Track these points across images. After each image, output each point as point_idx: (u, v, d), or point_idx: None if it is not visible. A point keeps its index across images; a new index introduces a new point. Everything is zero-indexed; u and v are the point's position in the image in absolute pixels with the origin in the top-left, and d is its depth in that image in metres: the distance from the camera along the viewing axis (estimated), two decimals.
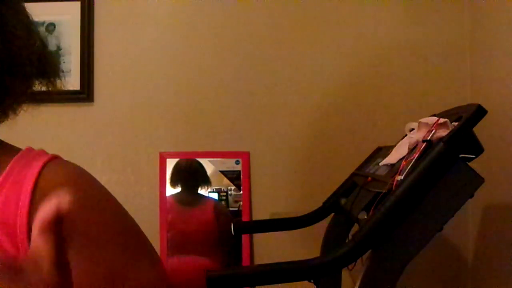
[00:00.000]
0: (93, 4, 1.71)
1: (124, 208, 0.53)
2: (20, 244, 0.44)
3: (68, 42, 1.69)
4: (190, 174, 1.71)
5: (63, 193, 0.45)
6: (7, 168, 0.49)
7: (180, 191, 1.70)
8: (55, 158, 0.51)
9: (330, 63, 1.68)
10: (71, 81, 1.66)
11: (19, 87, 0.52)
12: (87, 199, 0.49)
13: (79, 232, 0.46)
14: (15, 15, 0.51)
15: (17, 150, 0.53)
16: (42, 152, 0.52)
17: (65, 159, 0.53)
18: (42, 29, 0.52)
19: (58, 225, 0.44)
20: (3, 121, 0.54)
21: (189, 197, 1.72)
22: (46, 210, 0.43)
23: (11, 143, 0.55)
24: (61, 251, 0.45)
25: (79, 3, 1.69)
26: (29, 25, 0.53)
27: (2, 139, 0.55)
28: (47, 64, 0.55)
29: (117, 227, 0.50)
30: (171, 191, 1.69)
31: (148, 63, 1.71)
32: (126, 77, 1.71)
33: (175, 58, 1.71)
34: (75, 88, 1.67)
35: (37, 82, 0.55)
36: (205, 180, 1.70)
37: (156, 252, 0.53)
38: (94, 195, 0.50)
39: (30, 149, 0.52)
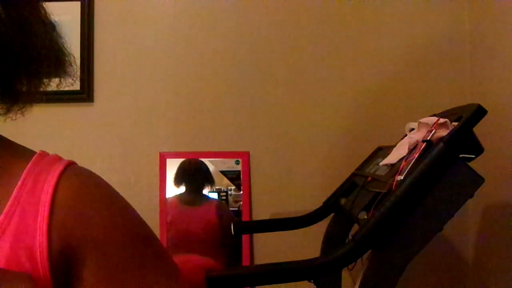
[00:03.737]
0: (93, 4, 1.71)
1: (140, 217, 0.50)
2: (40, 265, 0.42)
3: (68, 42, 1.68)
4: (194, 174, 1.71)
5: (78, 216, 0.44)
6: (21, 178, 0.46)
7: (184, 191, 1.70)
8: (69, 165, 0.49)
9: (330, 64, 1.68)
10: (71, 81, 1.66)
11: (34, 87, 0.50)
12: (103, 216, 0.46)
13: (91, 253, 0.44)
14: (34, 12, 0.49)
15: (29, 153, 0.50)
16: (57, 158, 0.50)
17: (66, 159, 0.51)
18: (59, 29, 0.51)
19: (73, 250, 0.43)
20: (5, 115, 0.52)
21: (193, 197, 1.72)
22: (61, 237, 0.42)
23: None
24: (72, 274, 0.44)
25: (79, 3, 1.69)
26: (48, 23, 0.51)
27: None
28: (64, 63, 0.53)
29: (132, 241, 0.47)
30: (172, 191, 1.69)
31: (148, 63, 1.71)
32: (126, 77, 1.71)
33: (175, 58, 1.71)
34: (75, 88, 1.67)
35: (49, 80, 0.53)
36: (209, 179, 1.70)
37: (171, 260, 0.50)
38: (110, 210, 0.47)
39: (43, 154, 0.50)
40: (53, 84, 0.55)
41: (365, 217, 1.00)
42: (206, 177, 1.70)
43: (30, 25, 0.48)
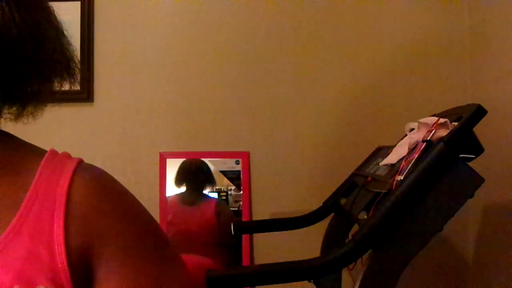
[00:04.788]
0: (93, 4, 1.71)
1: (148, 212, 0.54)
2: (58, 256, 0.44)
3: None
4: (195, 174, 1.71)
5: (95, 212, 0.47)
6: (37, 173, 0.48)
7: (185, 191, 1.70)
8: (81, 162, 0.52)
9: (330, 64, 1.68)
10: (73, 83, 1.66)
11: (47, 91, 0.52)
12: (119, 211, 0.49)
13: (112, 246, 0.47)
14: (46, 17, 0.51)
15: (41, 151, 0.52)
16: (68, 156, 0.52)
17: (75, 157, 0.53)
18: (68, 35, 0.54)
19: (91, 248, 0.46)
20: (21, 119, 0.54)
21: (193, 196, 1.72)
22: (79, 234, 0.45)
23: None
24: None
25: (79, 3, 1.69)
26: (58, 26, 0.53)
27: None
28: (73, 63, 0.55)
29: (147, 233, 0.50)
30: (172, 191, 1.69)
31: (148, 63, 1.71)
32: (126, 77, 1.71)
33: (175, 58, 1.71)
34: (75, 88, 1.67)
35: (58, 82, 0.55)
36: (210, 179, 1.70)
37: (179, 255, 0.54)
38: (123, 205, 0.51)
39: (54, 152, 0.52)
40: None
41: (365, 217, 1.00)
42: (207, 177, 1.70)
43: (43, 29, 0.50)
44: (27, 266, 0.43)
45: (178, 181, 1.69)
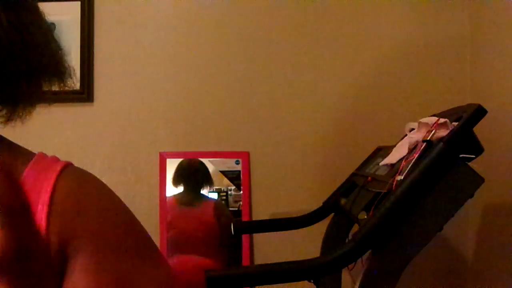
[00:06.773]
0: (93, 4, 1.71)
1: (130, 212, 0.54)
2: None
3: (68, 42, 1.69)
4: (192, 174, 1.71)
5: (76, 211, 0.47)
6: (22, 177, 0.48)
7: (182, 191, 1.71)
8: (67, 166, 0.52)
9: (330, 64, 1.68)
10: (71, 81, 1.66)
11: (35, 93, 0.53)
12: (96, 211, 0.49)
13: (86, 244, 0.47)
14: (35, 21, 0.51)
15: (29, 154, 0.52)
16: (55, 160, 0.52)
17: (65, 159, 0.53)
18: (59, 39, 0.55)
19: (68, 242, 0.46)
20: (11, 121, 0.54)
21: (191, 197, 1.72)
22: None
23: None
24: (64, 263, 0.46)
25: (79, 3, 1.69)
26: (47, 30, 0.53)
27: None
28: (62, 67, 0.56)
29: (125, 233, 0.51)
30: (171, 191, 1.69)
31: (148, 63, 1.71)
32: (126, 77, 1.71)
33: (175, 58, 1.71)
34: (75, 88, 1.67)
35: (49, 83, 0.56)
36: (207, 180, 1.70)
37: (161, 254, 0.54)
38: (104, 205, 0.51)
39: (42, 155, 0.52)
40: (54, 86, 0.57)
41: (365, 217, 1.00)
42: (204, 177, 1.70)
43: (32, 34, 0.50)
44: None
45: (176, 182, 1.69)
